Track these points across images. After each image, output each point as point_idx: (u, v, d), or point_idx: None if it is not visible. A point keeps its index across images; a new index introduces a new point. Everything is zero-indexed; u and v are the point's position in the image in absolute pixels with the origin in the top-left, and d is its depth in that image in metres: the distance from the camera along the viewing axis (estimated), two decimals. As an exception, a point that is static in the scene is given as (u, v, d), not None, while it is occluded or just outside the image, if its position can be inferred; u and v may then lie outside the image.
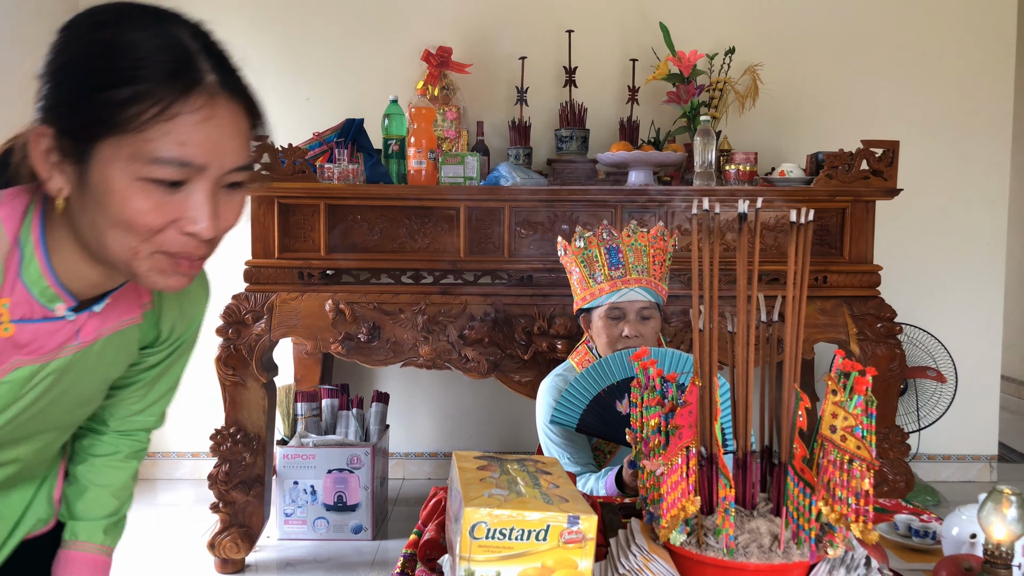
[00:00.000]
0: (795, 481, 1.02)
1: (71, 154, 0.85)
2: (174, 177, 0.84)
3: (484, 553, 0.97)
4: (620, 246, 1.85)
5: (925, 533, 1.40)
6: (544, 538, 0.98)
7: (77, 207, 0.88)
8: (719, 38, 3.40)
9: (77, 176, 0.85)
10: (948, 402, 3.30)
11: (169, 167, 0.84)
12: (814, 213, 2.43)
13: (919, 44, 3.48)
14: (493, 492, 1.03)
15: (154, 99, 0.82)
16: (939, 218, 3.53)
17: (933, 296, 3.54)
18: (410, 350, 2.60)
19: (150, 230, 0.86)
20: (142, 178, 0.83)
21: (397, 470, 3.61)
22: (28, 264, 0.92)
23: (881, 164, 2.57)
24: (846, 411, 1.01)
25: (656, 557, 1.08)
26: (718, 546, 1.07)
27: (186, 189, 0.86)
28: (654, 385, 1.10)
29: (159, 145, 0.83)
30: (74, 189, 0.87)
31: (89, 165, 0.84)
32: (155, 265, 0.89)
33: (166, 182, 0.84)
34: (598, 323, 1.89)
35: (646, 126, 3.42)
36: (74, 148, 0.84)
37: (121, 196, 0.84)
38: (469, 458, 1.20)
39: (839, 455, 1.02)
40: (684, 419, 1.02)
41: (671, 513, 1.02)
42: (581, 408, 1.70)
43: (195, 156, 0.84)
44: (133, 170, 0.83)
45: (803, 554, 1.04)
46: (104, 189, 0.84)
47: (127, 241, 0.87)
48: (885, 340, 2.61)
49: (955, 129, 3.50)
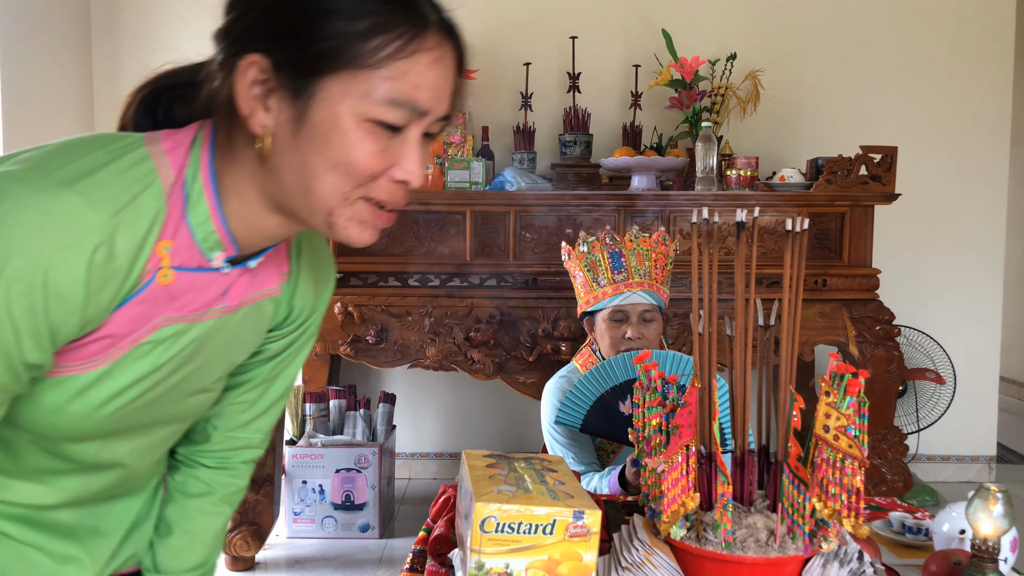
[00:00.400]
0: (790, 478, 1.07)
1: (288, 88, 0.76)
2: (402, 121, 0.78)
3: (494, 546, 1.02)
4: (623, 250, 1.90)
5: (918, 530, 1.44)
6: (551, 532, 1.03)
7: (283, 147, 0.79)
8: (721, 44, 3.45)
9: (293, 113, 0.77)
10: (947, 403, 3.35)
11: (402, 109, 0.77)
12: (812, 218, 2.46)
13: (918, 50, 3.53)
14: (502, 488, 1.08)
15: (395, 33, 0.75)
16: (939, 222, 3.57)
17: (933, 299, 3.58)
18: (417, 352, 2.65)
19: (370, 175, 0.79)
20: (370, 119, 0.77)
21: (403, 470, 3.67)
22: (195, 205, 0.82)
23: (880, 169, 2.61)
24: (839, 412, 1.06)
25: (657, 551, 1.13)
26: (716, 540, 1.12)
27: (403, 135, 0.79)
28: (655, 386, 1.15)
29: (396, 85, 0.76)
30: (284, 127, 0.78)
31: (312, 101, 0.76)
32: (356, 214, 0.81)
33: (391, 126, 0.78)
34: (601, 326, 1.94)
35: (649, 131, 3.47)
36: (294, 82, 0.76)
37: (350, 137, 0.76)
38: (479, 456, 1.25)
39: (832, 454, 1.07)
40: (684, 419, 1.07)
41: (671, 509, 1.07)
42: (585, 409, 1.75)
43: (424, 100, 0.78)
44: (363, 109, 0.76)
45: (797, 548, 1.09)
46: (329, 128, 0.76)
47: (341, 186, 0.79)
48: (883, 342, 2.65)
49: (954, 133, 3.55)
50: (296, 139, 0.78)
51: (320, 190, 0.79)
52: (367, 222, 0.82)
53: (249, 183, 0.83)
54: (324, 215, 0.81)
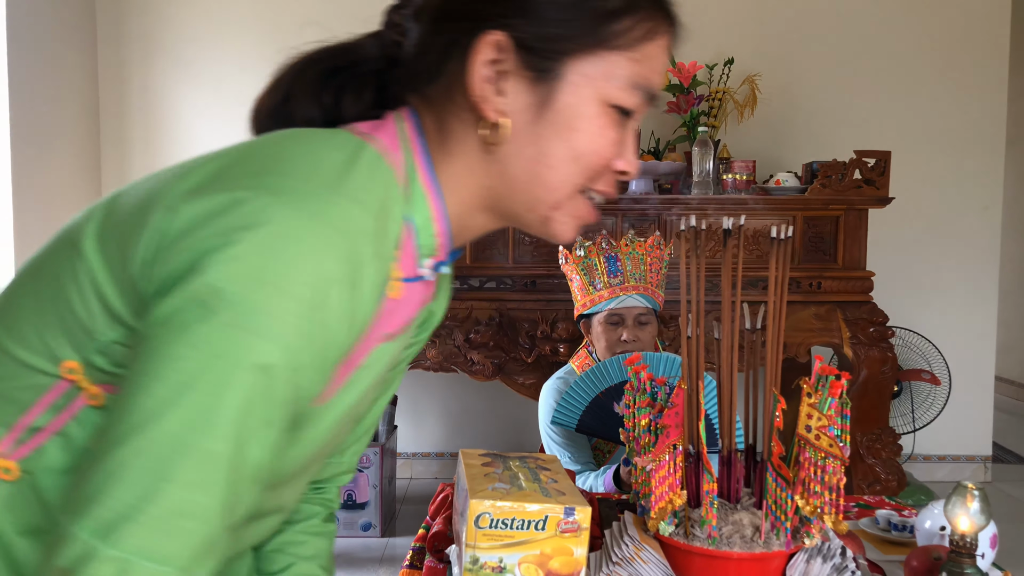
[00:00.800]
0: (773, 477, 1.11)
1: (531, 69, 0.69)
2: (636, 107, 0.72)
3: (488, 541, 1.07)
4: (619, 255, 1.95)
5: (903, 527, 1.49)
6: (543, 528, 1.07)
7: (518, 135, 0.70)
8: (718, 49, 3.49)
9: (535, 97, 0.69)
10: (942, 404, 3.39)
11: (639, 94, 0.71)
12: (807, 222, 2.50)
13: (913, 54, 3.57)
14: (496, 486, 1.12)
15: (643, 14, 0.70)
16: (935, 224, 3.61)
17: (929, 300, 3.62)
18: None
19: (605, 165, 0.72)
20: (612, 104, 0.70)
21: (404, 470, 3.71)
22: (417, 205, 0.72)
23: (873, 173, 2.65)
24: (820, 412, 1.10)
25: (646, 547, 1.17)
26: (703, 536, 1.16)
27: (627, 123, 0.73)
28: (645, 387, 1.19)
29: (639, 68, 0.70)
30: (522, 113, 0.70)
31: (558, 84, 0.69)
32: (576, 209, 0.74)
33: (626, 111, 0.71)
34: (597, 328, 1.98)
35: (646, 136, 3.51)
36: (539, 63, 0.69)
37: (596, 123, 0.70)
38: (475, 455, 1.29)
39: (814, 453, 1.11)
40: (671, 419, 1.11)
41: (659, 506, 1.11)
42: (581, 409, 1.79)
43: (657, 86, 0.73)
44: (607, 94, 0.70)
45: (781, 544, 1.13)
46: (575, 114, 0.69)
47: (575, 177, 0.71)
48: (878, 344, 2.69)
49: (950, 136, 3.58)
50: (536, 126, 0.70)
51: (554, 182, 0.71)
52: (583, 216, 0.76)
53: (468, 177, 0.73)
54: (547, 209, 0.73)
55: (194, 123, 3.60)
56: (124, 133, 3.60)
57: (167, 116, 3.60)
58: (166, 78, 3.58)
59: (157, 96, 3.59)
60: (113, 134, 3.60)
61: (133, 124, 3.60)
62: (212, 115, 3.59)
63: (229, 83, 3.57)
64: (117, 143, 3.60)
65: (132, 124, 3.60)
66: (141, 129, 3.60)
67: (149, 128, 3.60)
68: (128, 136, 3.60)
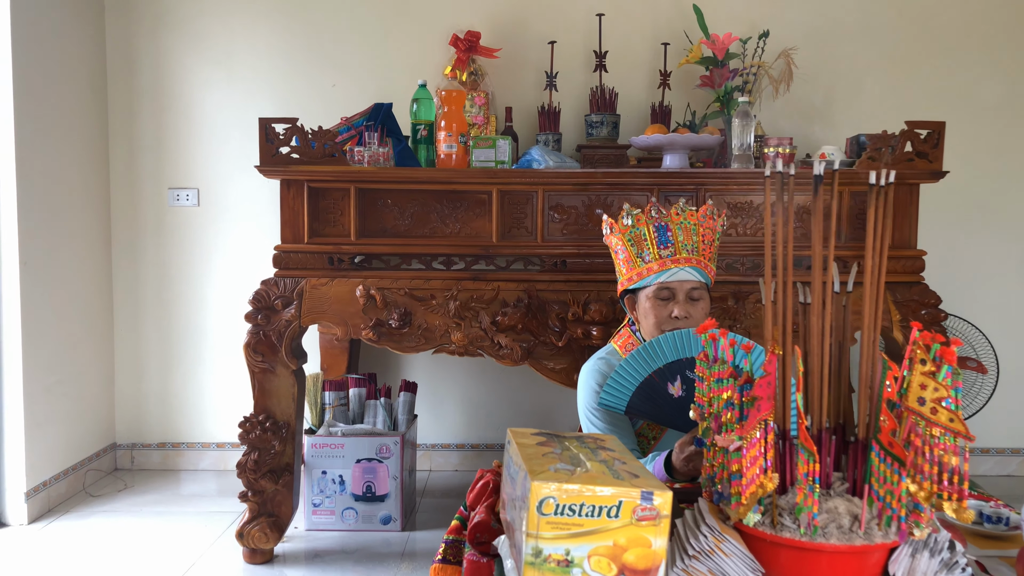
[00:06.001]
0: (881, 457, 0.96)
1: None
2: None
3: (553, 530, 0.92)
4: (669, 224, 1.79)
5: (998, 519, 1.33)
6: (616, 515, 0.92)
7: None
8: (753, 21, 3.33)
9: None
10: (989, 394, 3.22)
11: None
12: (853, 198, 2.35)
13: (960, 26, 3.40)
14: (559, 467, 0.98)
15: None
16: (981, 204, 3.44)
17: (975, 284, 3.45)
18: (442, 336, 2.55)
19: None
20: None
21: (424, 462, 3.57)
22: None
23: (926, 146, 2.49)
24: (936, 382, 0.95)
25: (728, 538, 1.02)
26: (795, 526, 1.01)
27: None
28: (725, 357, 1.04)
29: None
30: None
31: None
32: None
33: None
34: (645, 304, 1.83)
35: (677, 111, 3.35)
36: None
37: None
38: (526, 434, 1.14)
39: (927, 429, 0.96)
40: (763, 390, 0.96)
41: (750, 491, 0.96)
42: (630, 391, 1.64)
43: None
44: None
45: (888, 535, 0.98)
46: None
47: None
48: (930, 327, 2.53)
49: (997, 114, 3.41)
50: None
51: None
52: None
53: None
54: None
55: (204, 99, 3.45)
56: (132, 107, 3.46)
57: (176, 91, 3.46)
58: (175, 52, 3.44)
59: (166, 71, 3.45)
60: (121, 109, 3.46)
61: (141, 99, 3.45)
62: (222, 90, 3.44)
63: (239, 58, 3.42)
64: (126, 118, 3.46)
65: (140, 99, 3.45)
66: (149, 103, 3.45)
67: (158, 103, 3.46)
68: (136, 110, 3.46)
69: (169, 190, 3.48)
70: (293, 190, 2.54)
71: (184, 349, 3.56)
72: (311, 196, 2.54)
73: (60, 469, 3.16)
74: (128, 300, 3.54)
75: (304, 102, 3.40)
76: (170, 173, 3.49)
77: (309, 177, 2.51)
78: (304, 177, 2.51)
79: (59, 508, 3.10)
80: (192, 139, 3.47)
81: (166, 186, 3.49)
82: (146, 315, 3.54)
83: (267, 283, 2.55)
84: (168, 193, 3.48)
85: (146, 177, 3.49)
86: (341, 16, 3.42)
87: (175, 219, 3.50)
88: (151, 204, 3.50)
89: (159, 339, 3.55)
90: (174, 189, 3.48)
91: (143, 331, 3.55)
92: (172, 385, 3.57)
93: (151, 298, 3.54)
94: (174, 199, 3.48)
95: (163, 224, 3.50)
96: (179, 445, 3.58)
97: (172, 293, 3.53)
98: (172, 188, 3.48)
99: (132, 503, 3.16)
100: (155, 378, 3.57)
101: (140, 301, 3.54)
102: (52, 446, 3.11)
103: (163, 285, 3.53)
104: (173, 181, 3.49)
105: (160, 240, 3.51)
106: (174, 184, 3.49)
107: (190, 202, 3.48)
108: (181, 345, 3.55)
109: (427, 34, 3.40)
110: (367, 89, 3.39)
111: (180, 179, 3.49)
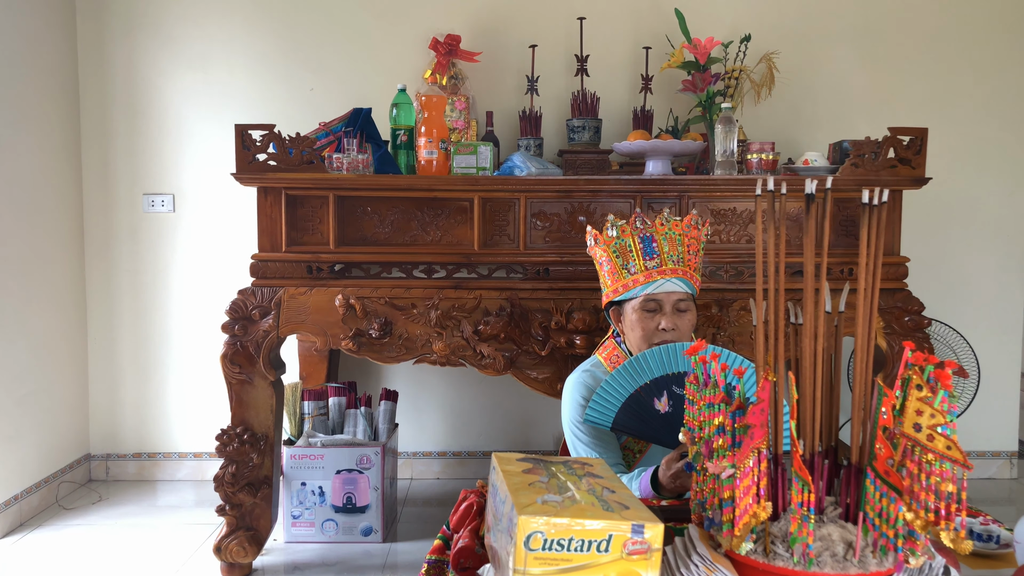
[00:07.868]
0: (876, 484, 0.94)
1: None
2: None
3: (541, 566, 0.89)
4: (655, 235, 1.76)
5: (988, 537, 1.32)
6: (606, 549, 0.89)
7: None
8: (734, 25, 3.32)
9: None
10: (970, 398, 3.23)
11: None
12: (837, 204, 2.31)
13: (941, 31, 3.40)
14: (547, 499, 0.94)
15: None
16: (961, 209, 3.45)
17: (955, 290, 3.46)
18: (423, 346, 2.51)
19: None
20: None
21: (405, 470, 3.53)
22: None
23: (909, 152, 2.48)
24: (932, 408, 0.92)
25: (720, 567, 0.99)
26: (787, 555, 0.99)
27: None
28: (716, 381, 1.02)
29: None
30: None
31: None
32: None
33: None
34: (631, 316, 1.80)
35: (660, 116, 3.34)
36: None
37: None
38: (512, 460, 1.11)
39: (923, 455, 0.94)
40: (756, 418, 0.93)
41: (743, 520, 0.93)
42: (616, 407, 1.61)
43: None
44: None
45: (883, 563, 0.96)
46: None
47: None
48: (913, 334, 2.53)
49: (976, 120, 3.42)
50: None
51: None
52: None
53: None
54: None
55: (180, 103, 3.39)
56: (105, 112, 3.38)
57: (151, 95, 3.39)
58: (149, 55, 3.37)
59: (140, 75, 3.38)
60: (94, 114, 3.39)
61: (115, 103, 3.38)
62: (197, 94, 3.38)
63: (215, 62, 3.36)
64: (99, 123, 3.39)
65: (114, 103, 3.38)
66: (123, 107, 3.38)
67: (131, 108, 3.39)
68: (110, 115, 3.38)
69: (144, 196, 3.41)
70: (271, 198, 2.49)
71: (160, 357, 3.49)
72: (289, 204, 2.49)
73: (32, 482, 3.09)
74: (102, 308, 3.46)
75: (282, 106, 3.35)
76: (144, 178, 3.42)
77: (287, 185, 2.46)
78: (282, 185, 2.46)
79: (31, 522, 3.03)
80: (167, 144, 3.41)
81: (140, 192, 3.42)
82: (121, 323, 3.47)
83: (244, 292, 2.50)
84: (143, 199, 3.41)
85: (120, 182, 3.42)
86: (319, 19, 3.37)
87: (150, 225, 3.44)
88: (125, 210, 3.43)
89: (134, 347, 3.48)
90: (149, 195, 3.41)
91: (117, 339, 3.48)
92: (148, 394, 3.50)
93: (126, 306, 3.47)
94: (149, 205, 3.42)
95: (138, 231, 3.44)
96: (155, 455, 3.51)
97: (147, 300, 3.46)
98: (147, 194, 3.41)
99: (107, 515, 3.10)
100: (130, 387, 3.50)
101: (114, 309, 3.47)
102: (24, 458, 3.04)
103: (138, 292, 3.46)
104: (148, 187, 3.42)
105: (135, 247, 3.44)
106: (149, 190, 3.42)
107: (165, 208, 3.42)
108: (157, 353, 3.49)
109: (407, 37, 3.35)
110: (346, 93, 3.34)
111: (155, 185, 3.42)
